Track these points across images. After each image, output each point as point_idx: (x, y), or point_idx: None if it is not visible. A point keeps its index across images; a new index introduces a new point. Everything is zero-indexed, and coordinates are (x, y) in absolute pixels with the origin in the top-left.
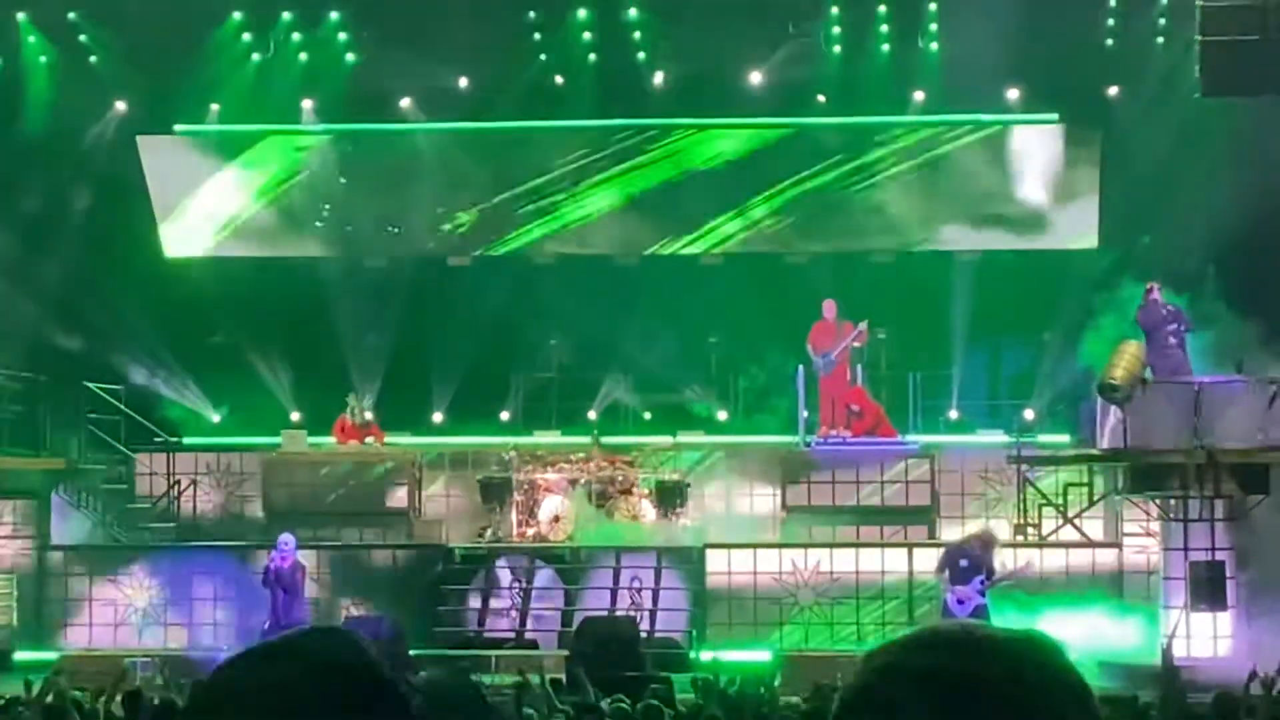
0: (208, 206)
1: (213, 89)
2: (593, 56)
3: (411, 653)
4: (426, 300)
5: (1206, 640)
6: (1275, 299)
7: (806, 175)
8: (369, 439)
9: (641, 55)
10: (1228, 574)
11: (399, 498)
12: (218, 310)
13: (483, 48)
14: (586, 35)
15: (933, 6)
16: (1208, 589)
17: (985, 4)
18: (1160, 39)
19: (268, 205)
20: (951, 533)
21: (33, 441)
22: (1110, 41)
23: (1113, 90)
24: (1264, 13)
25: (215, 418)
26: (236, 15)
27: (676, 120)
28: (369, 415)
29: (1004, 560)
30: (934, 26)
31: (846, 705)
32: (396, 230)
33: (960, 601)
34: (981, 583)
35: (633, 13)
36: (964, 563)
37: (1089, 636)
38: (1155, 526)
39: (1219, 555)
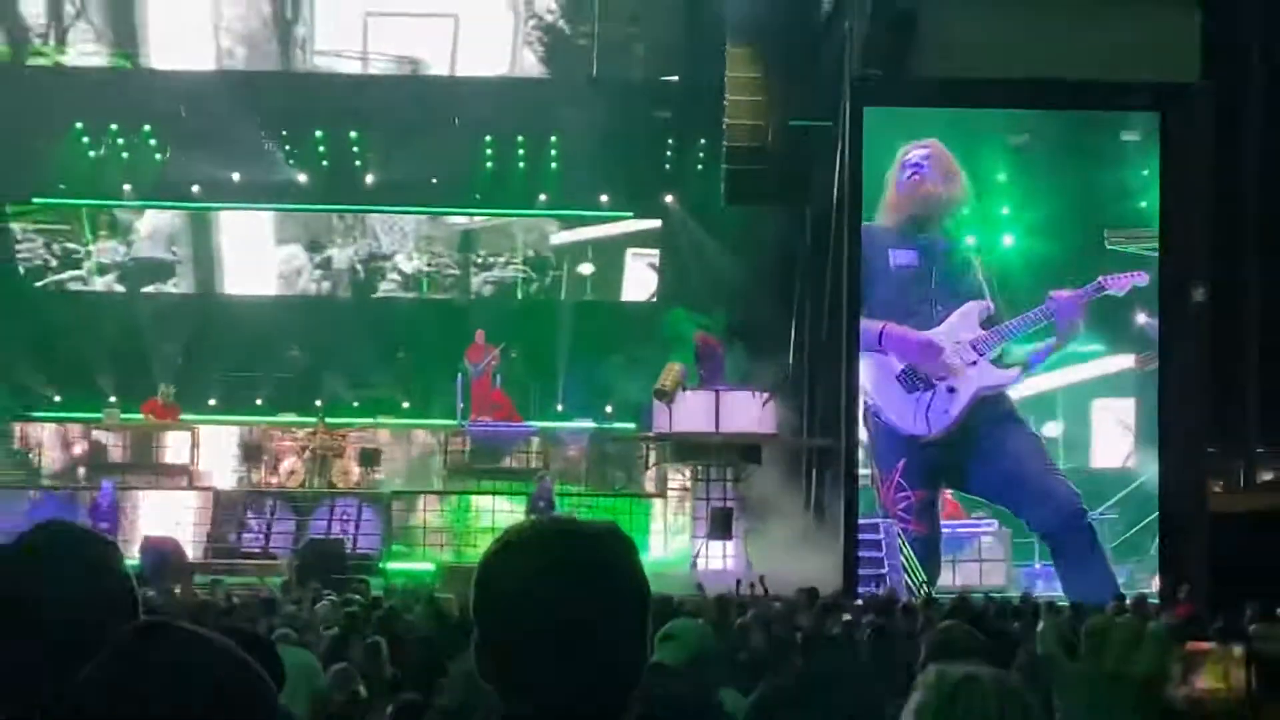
0: None
1: None
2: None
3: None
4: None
5: (718, 559)
6: (779, 339)
7: (476, 253)
8: (176, 418)
9: (358, 164)
10: (734, 516)
11: (183, 455)
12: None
13: None
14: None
15: (554, 138)
16: (720, 525)
17: (589, 135)
18: (700, 165)
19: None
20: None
21: None
22: (668, 166)
23: (669, 197)
24: (768, 140)
25: (57, 398)
26: None
27: (380, 208)
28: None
29: None
30: (554, 152)
31: (478, 582)
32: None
33: None
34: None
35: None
36: (542, 504)
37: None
38: (689, 483)
39: (729, 503)
